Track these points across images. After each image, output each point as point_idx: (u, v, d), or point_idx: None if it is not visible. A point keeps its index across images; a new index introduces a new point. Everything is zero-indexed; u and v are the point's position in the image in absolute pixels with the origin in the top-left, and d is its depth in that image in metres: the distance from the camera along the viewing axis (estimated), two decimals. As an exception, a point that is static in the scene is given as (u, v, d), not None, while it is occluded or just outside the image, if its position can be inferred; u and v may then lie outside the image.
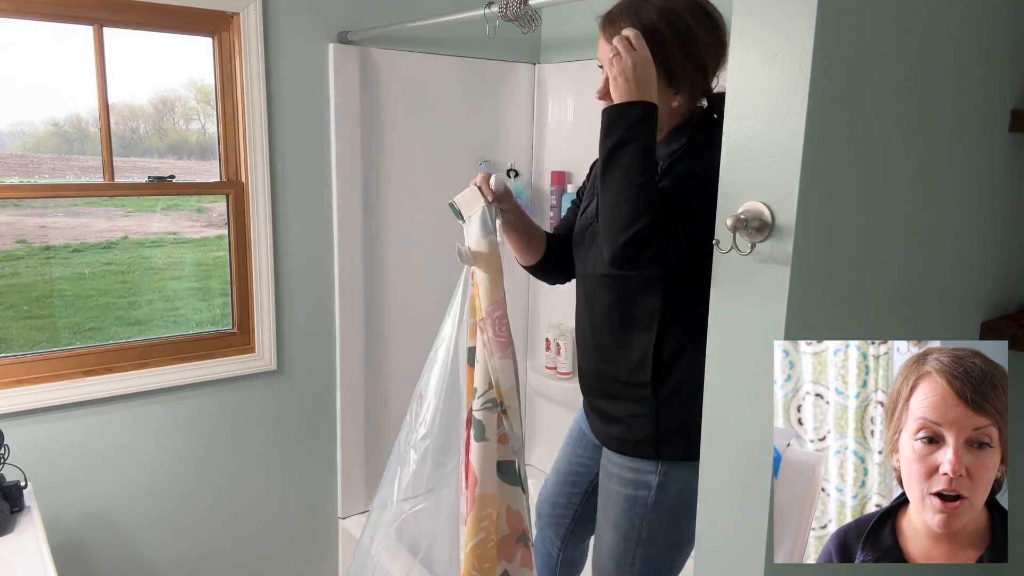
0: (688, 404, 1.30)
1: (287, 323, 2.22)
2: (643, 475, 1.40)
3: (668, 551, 1.42)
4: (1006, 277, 1.34)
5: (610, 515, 1.45)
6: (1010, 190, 1.28)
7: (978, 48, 1.14)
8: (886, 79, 1.00)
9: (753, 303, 0.99)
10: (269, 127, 2.09)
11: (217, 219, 2.26)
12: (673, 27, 1.24)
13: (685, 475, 1.36)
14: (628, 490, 1.41)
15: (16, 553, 1.47)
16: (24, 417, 1.87)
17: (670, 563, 1.44)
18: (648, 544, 1.41)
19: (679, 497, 1.38)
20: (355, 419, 2.38)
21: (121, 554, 2.08)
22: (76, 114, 2.04)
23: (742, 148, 0.97)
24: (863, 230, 1.03)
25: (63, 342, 2.05)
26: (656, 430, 1.37)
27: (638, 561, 1.42)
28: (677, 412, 1.35)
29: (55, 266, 2.09)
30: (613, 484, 1.44)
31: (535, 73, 2.56)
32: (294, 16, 2.09)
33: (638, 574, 1.43)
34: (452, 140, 2.42)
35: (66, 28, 1.86)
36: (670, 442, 1.37)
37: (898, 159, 1.06)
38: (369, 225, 2.30)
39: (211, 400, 2.14)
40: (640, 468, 1.40)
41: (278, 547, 2.35)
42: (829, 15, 0.88)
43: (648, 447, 1.38)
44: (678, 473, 1.38)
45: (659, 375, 1.35)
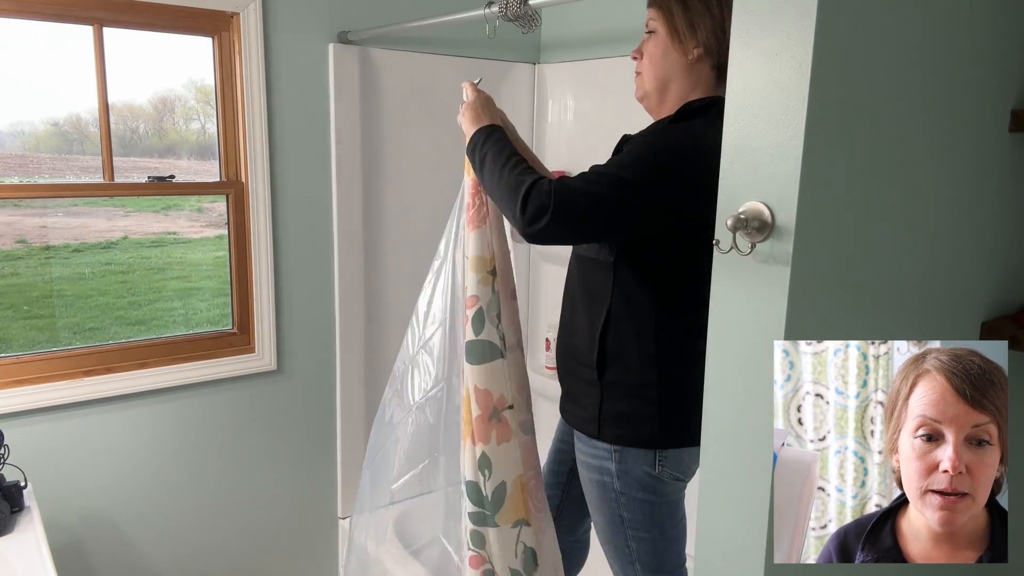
0: (628, 396, 1.38)
1: (287, 323, 2.22)
2: (602, 460, 1.43)
3: (658, 533, 1.44)
4: (1006, 277, 1.34)
5: (593, 502, 1.49)
6: (1010, 190, 1.28)
7: (978, 48, 1.14)
8: (886, 79, 1.00)
9: (753, 303, 0.99)
10: (269, 127, 2.09)
11: (217, 219, 2.26)
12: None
13: (640, 461, 1.40)
14: (595, 475, 1.45)
15: (16, 553, 1.47)
16: (24, 417, 1.87)
17: (665, 543, 1.46)
18: (635, 526, 1.44)
19: (641, 483, 1.41)
20: (355, 419, 2.38)
21: (121, 554, 2.08)
22: (76, 114, 2.04)
23: (742, 148, 0.97)
24: (863, 230, 1.03)
25: (63, 342, 2.05)
26: (599, 412, 1.41)
27: (633, 543, 1.45)
28: (617, 402, 1.40)
29: (55, 266, 2.09)
30: (583, 471, 1.49)
31: (535, 73, 2.56)
32: (294, 16, 2.09)
33: (637, 556, 1.45)
34: (452, 140, 2.41)
35: (66, 28, 1.86)
36: (611, 426, 1.41)
37: (898, 159, 1.05)
38: (369, 224, 2.30)
39: (211, 400, 2.14)
40: (597, 453, 1.44)
41: (278, 547, 2.35)
42: (829, 15, 0.88)
43: (592, 427, 1.43)
44: (632, 458, 1.40)
45: (602, 360, 1.40)
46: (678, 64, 1.36)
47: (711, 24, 1.32)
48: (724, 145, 1.00)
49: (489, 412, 1.47)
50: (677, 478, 1.42)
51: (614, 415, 1.40)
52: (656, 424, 1.38)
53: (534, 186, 1.25)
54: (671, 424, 1.38)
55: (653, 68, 1.39)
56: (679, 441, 1.39)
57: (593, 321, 1.41)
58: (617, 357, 1.39)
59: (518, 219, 1.26)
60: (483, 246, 1.48)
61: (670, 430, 1.38)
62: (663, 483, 1.41)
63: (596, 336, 1.40)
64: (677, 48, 1.35)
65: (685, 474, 1.43)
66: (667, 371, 1.37)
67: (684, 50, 1.35)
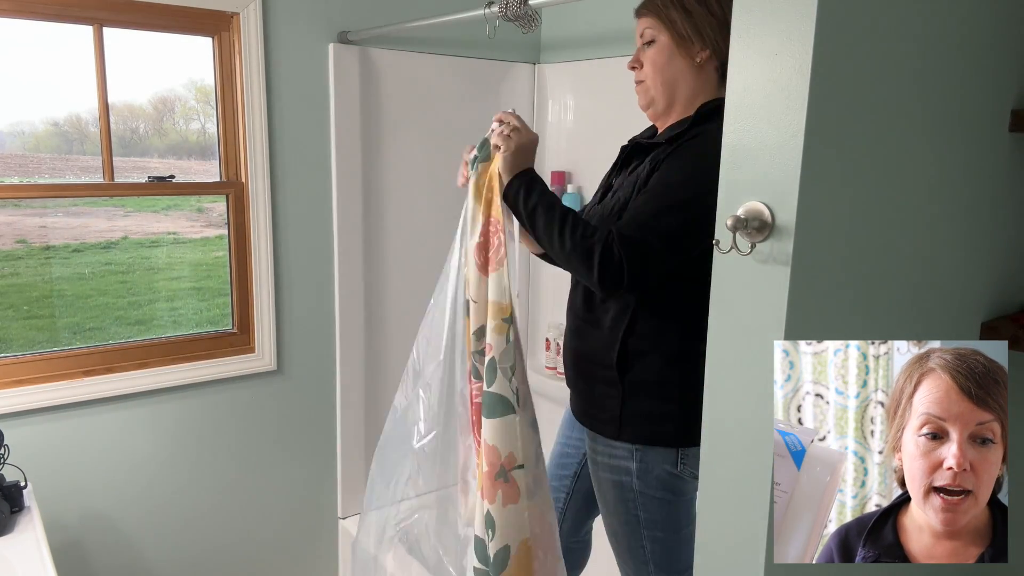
0: (650, 395, 1.38)
1: (287, 323, 2.22)
2: (620, 460, 1.43)
3: (674, 534, 1.44)
4: (1006, 277, 1.34)
5: (608, 504, 1.48)
6: (1010, 190, 1.29)
7: (978, 48, 1.14)
8: (886, 79, 1.00)
9: (753, 303, 0.99)
10: (269, 127, 2.09)
11: (217, 219, 2.26)
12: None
13: (661, 460, 1.40)
14: (612, 476, 1.45)
15: (16, 553, 1.47)
16: (24, 417, 1.87)
17: (679, 543, 1.45)
18: (651, 526, 1.43)
19: (662, 482, 1.40)
20: (355, 419, 2.38)
21: (121, 554, 2.08)
22: (76, 114, 2.04)
23: (742, 148, 0.97)
24: (863, 230, 1.03)
25: (63, 342, 2.05)
26: (620, 412, 1.41)
27: (647, 543, 1.45)
28: (639, 401, 1.39)
29: (55, 266, 2.09)
30: (599, 472, 1.48)
31: (535, 73, 2.56)
32: (294, 16, 2.09)
33: (651, 556, 1.45)
34: (452, 140, 2.42)
35: (66, 28, 1.86)
36: (633, 426, 1.40)
37: (898, 159, 1.06)
38: (369, 225, 2.30)
39: (211, 400, 2.14)
40: (615, 453, 1.43)
41: (278, 547, 2.35)
42: (829, 15, 0.88)
43: (612, 428, 1.42)
44: (653, 458, 1.40)
45: (623, 360, 1.40)
46: (685, 69, 1.37)
47: (716, 23, 1.33)
48: (724, 145, 1.00)
49: (496, 471, 1.37)
50: (696, 475, 1.42)
51: (636, 415, 1.39)
52: (677, 423, 1.37)
53: (605, 253, 1.25)
54: (693, 423, 1.37)
55: (659, 75, 1.39)
56: (698, 439, 1.38)
57: (615, 322, 1.40)
58: (639, 356, 1.38)
59: (596, 287, 1.29)
60: (501, 291, 1.37)
61: (691, 429, 1.38)
62: (683, 481, 1.41)
63: (619, 336, 1.39)
64: (683, 53, 1.36)
65: None
66: (689, 370, 1.36)
67: (691, 54, 1.35)
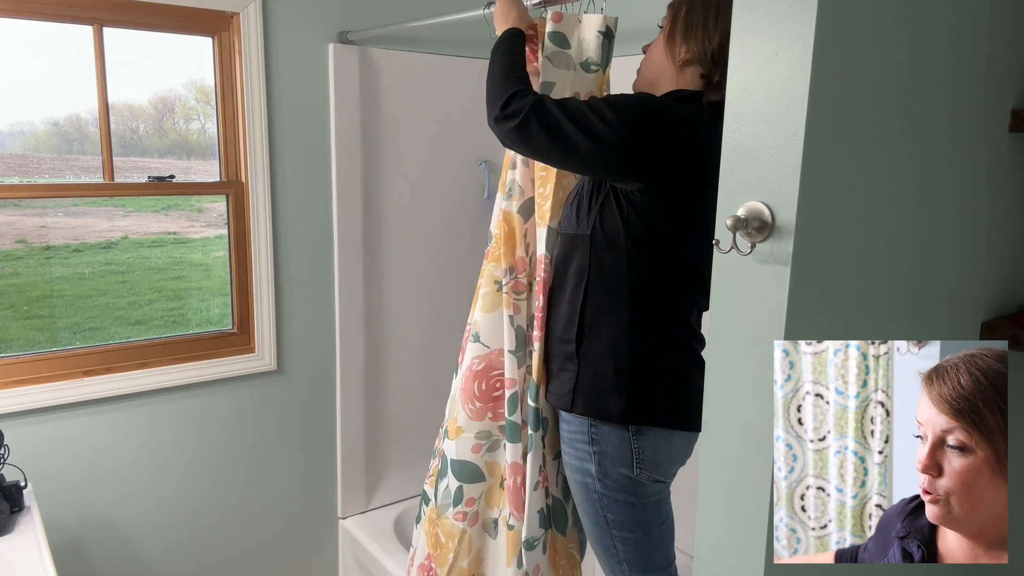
0: (601, 366, 1.40)
1: (287, 323, 2.22)
2: (583, 461, 1.44)
3: (644, 534, 1.45)
4: (1006, 277, 1.34)
5: (579, 504, 1.50)
6: (1010, 190, 1.29)
7: (978, 48, 1.14)
8: (886, 79, 1.00)
9: (753, 303, 0.99)
10: (269, 127, 2.09)
11: (217, 219, 2.26)
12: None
13: (617, 462, 1.40)
14: (578, 476, 1.47)
15: (16, 553, 1.47)
16: (24, 417, 1.87)
17: (651, 542, 1.46)
18: (620, 527, 1.45)
19: (621, 485, 1.41)
20: (355, 419, 2.38)
21: (121, 554, 2.08)
22: (76, 114, 2.04)
23: (742, 148, 0.97)
24: (863, 230, 1.03)
25: (63, 342, 2.05)
26: (575, 384, 1.43)
27: (619, 544, 1.46)
28: (590, 372, 1.41)
29: (55, 266, 2.09)
30: (568, 472, 1.50)
31: (535, 73, 2.55)
32: (294, 16, 2.09)
33: (624, 555, 1.46)
34: (452, 140, 2.42)
35: (66, 28, 1.86)
36: (584, 397, 1.42)
37: (898, 159, 1.06)
38: (369, 225, 2.30)
39: (211, 400, 2.14)
40: (575, 436, 1.45)
41: (278, 547, 2.35)
42: (829, 15, 0.88)
43: (567, 399, 1.44)
44: (608, 448, 1.41)
45: (580, 332, 1.43)
46: (667, 65, 1.40)
47: (705, 37, 1.35)
48: (724, 145, 1.00)
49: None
50: (655, 479, 1.42)
51: (587, 386, 1.42)
52: (625, 398, 1.38)
53: (521, 92, 1.35)
54: (641, 399, 1.39)
55: (648, 64, 1.44)
56: (649, 419, 1.39)
57: (573, 295, 1.44)
58: (592, 328, 1.42)
59: (496, 113, 1.36)
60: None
61: (640, 406, 1.39)
62: (642, 485, 1.42)
63: (576, 308, 1.43)
64: (669, 49, 1.39)
65: (664, 476, 1.43)
66: (639, 344, 1.38)
67: (674, 53, 1.38)
